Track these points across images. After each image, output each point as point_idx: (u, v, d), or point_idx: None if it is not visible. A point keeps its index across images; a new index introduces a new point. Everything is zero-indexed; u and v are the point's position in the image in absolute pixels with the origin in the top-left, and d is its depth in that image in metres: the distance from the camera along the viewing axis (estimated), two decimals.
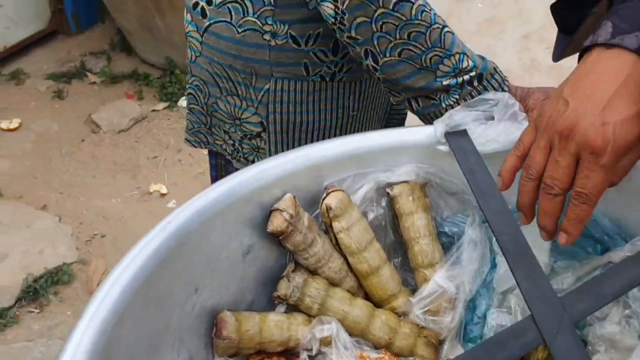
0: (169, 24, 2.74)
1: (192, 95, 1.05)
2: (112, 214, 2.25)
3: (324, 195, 0.74)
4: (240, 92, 0.98)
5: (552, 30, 1.52)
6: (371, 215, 0.79)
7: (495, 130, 0.78)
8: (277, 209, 0.71)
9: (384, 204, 0.80)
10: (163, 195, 2.35)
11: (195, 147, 1.13)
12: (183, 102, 2.87)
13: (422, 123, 0.89)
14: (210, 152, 1.15)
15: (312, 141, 1.02)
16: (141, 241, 0.62)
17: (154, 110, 2.81)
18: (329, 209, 0.72)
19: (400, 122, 1.19)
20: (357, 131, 1.06)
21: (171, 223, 0.64)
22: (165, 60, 2.97)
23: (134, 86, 2.97)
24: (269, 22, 0.91)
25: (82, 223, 2.21)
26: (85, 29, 3.30)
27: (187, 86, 1.06)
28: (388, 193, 0.78)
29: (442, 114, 0.86)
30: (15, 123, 2.66)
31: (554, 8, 1.50)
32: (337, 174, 0.78)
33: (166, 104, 2.85)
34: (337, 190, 0.74)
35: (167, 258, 0.63)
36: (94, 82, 2.98)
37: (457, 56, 0.83)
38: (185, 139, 1.14)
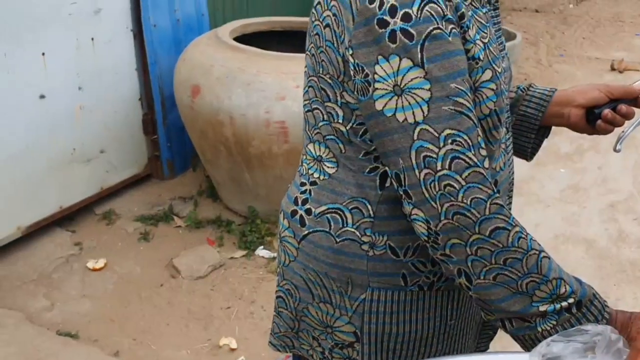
0: (255, 179, 2.87)
1: (281, 298, 1.05)
2: None
3: None
4: (334, 300, 0.97)
5: None
6: None
7: None
8: None
9: None
10: (232, 350, 2.32)
11: (280, 351, 1.09)
12: (260, 251, 2.92)
13: None
14: (293, 356, 1.13)
15: (406, 353, 0.98)
16: None
17: (232, 258, 2.87)
18: None
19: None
20: (454, 340, 1.02)
21: None
22: (248, 210, 3.07)
23: (216, 232, 3.06)
24: (368, 233, 0.91)
25: None
26: (177, 174, 3.50)
27: (277, 288, 1.06)
28: None
29: (537, 338, 0.82)
30: (101, 263, 2.77)
31: None
32: None
33: (244, 252, 2.90)
34: None
35: None
36: (179, 226, 3.10)
37: (554, 282, 0.80)
38: (270, 342, 1.11)
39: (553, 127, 1.20)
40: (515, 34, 4.41)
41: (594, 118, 1.13)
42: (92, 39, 2.95)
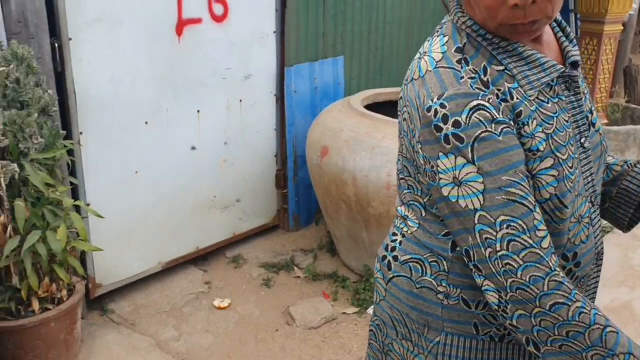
0: (372, 237, 3.01)
1: (372, 332, 1.19)
2: None
3: None
4: (413, 339, 1.09)
5: None
6: None
7: None
8: None
9: None
10: None
11: None
12: (372, 310, 3.02)
13: None
14: None
15: None
16: None
17: (344, 313, 2.99)
18: None
19: None
20: None
21: None
22: (363, 268, 3.20)
23: (331, 286, 3.22)
24: (443, 284, 1.03)
25: None
26: (301, 227, 3.74)
27: (370, 322, 1.21)
28: None
29: None
30: (226, 302, 3.02)
31: None
32: None
33: (356, 309, 3.01)
34: None
35: None
36: (298, 277, 3.30)
37: (621, 356, 0.86)
38: None
39: None
40: None
41: None
42: (240, 100, 3.31)
